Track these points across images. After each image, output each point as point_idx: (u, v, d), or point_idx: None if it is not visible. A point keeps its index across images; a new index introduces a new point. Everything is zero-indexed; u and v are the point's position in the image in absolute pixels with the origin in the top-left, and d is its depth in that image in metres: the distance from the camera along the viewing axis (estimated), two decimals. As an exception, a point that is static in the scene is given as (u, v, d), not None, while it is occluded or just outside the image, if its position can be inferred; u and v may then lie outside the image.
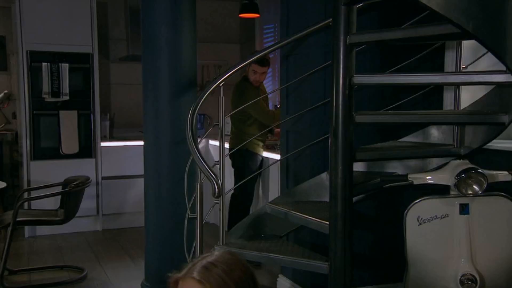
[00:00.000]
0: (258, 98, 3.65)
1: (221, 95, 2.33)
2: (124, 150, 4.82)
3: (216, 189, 1.81)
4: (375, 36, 1.89)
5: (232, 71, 2.31)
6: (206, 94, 2.25)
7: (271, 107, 5.15)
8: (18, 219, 3.18)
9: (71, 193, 3.35)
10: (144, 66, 2.77)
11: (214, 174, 1.85)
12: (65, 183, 3.54)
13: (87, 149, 4.66)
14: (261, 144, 3.88)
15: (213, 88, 2.32)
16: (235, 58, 5.57)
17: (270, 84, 5.22)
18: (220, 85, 2.33)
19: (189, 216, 2.13)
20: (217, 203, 2.24)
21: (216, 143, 3.12)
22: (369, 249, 2.82)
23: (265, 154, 3.89)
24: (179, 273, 1.05)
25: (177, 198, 2.58)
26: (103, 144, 4.76)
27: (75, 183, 3.39)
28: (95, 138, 4.69)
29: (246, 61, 2.46)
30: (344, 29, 1.85)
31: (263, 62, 3.76)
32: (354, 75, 1.92)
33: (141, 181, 4.70)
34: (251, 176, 3.40)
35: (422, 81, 1.98)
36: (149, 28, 2.70)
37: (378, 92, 2.74)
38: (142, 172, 4.63)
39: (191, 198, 2.14)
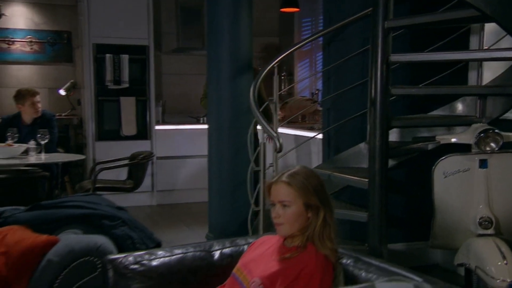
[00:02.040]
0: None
1: (275, 74, 2.79)
2: (176, 133, 5.35)
3: (278, 145, 2.26)
4: (408, 21, 2.30)
5: (286, 53, 2.76)
6: (265, 72, 2.71)
7: (307, 94, 5.59)
8: (96, 185, 3.72)
9: (139, 165, 3.88)
10: (208, 53, 3.24)
11: (276, 133, 2.30)
12: (131, 157, 4.08)
13: (143, 132, 5.21)
14: None
15: (269, 68, 2.79)
16: (274, 51, 6.00)
17: (307, 72, 5.65)
18: (275, 66, 2.80)
19: (254, 170, 2.60)
20: (271, 165, 2.71)
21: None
22: (400, 211, 3.21)
23: (304, 132, 4.26)
24: (271, 180, 1.50)
25: (237, 163, 3.05)
26: (157, 127, 5.30)
27: (141, 156, 3.92)
28: (150, 122, 5.23)
29: (297, 45, 2.89)
30: (383, 15, 2.26)
31: None
32: (391, 55, 2.34)
33: (191, 161, 5.29)
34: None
35: (450, 58, 2.37)
36: (212, 20, 3.18)
37: (410, 74, 3.13)
38: (192, 153, 5.22)
39: (254, 154, 2.61)
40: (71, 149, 5.31)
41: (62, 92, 5.45)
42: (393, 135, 2.97)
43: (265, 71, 2.72)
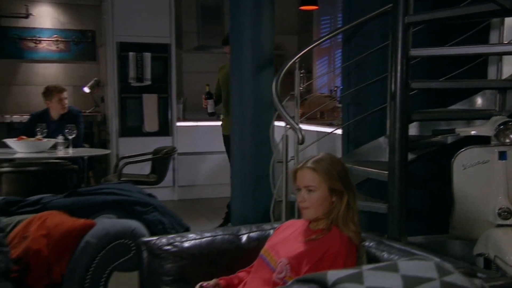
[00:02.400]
0: None
1: (297, 69, 2.87)
2: (196, 129, 5.46)
3: (300, 137, 2.34)
4: (428, 16, 2.36)
5: (308, 48, 2.84)
6: (287, 66, 2.79)
7: (326, 91, 5.65)
8: (121, 179, 3.84)
9: (162, 159, 3.99)
10: (232, 49, 3.33)
11: (298, 125, 2.38)
12: (154, 152, 4.20)
13: (165, 128, 5.34)
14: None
15: (290, 63, 2.87)
16: (293, 49, 6.08)
17: (325, 69, 5.71)
18: (297, 61, 2.88)
19: (276, 161, 2.68)
20: (292, 158, 2.79)
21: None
22: (419, 204, 3.25)
23: (324, 128, 4.32)
24: (297, 166, 1.58)
25: (259, 156, 3.14)
26: (178, 124, 5.42)
27: (164, 151, 4.04)
28: (171, 119, 5.36)
29: (319, 40, 2.96)
30: (403, 10, 2.32)
31: (224, 42, 4.00)
32: (411, 49, 2.39)
33: (211, 157, 5.40)
34: None
35: (471, 52, 2.41)
36: (235, 18, 3.27)
37: (428, 70, 3.17)
38: (212, 149, 5.32)
39: (276, 147, 2.69)
40: (95, 145, 5.47)
41: (86, 89, 5.61)
42: (413, 130, 3.01)
43: (287, 66, 2.80)
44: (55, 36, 5.66)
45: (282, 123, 3.52)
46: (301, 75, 5.38)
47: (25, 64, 5.64)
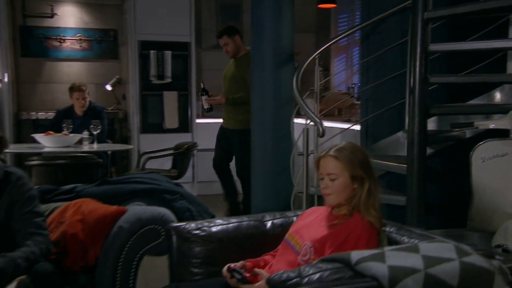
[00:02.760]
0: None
1: (316, 65, 2.94)
2: (215, 126, 5.53)
3: (321, 130, 2.41)
4: (446, 11, 2.41)
5: (328, 44, 2.90)
6: (307, 63, 2.86)
7: (343, 89, 5.70)
8: (144, 173, 3.95)
9: (184, 154, 4.10)
10: (252, 46, 3.42)
11: (318, 118, 2.46)
12: (176, 148, 4.30)
13: (185, 125, 5.45)
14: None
15: (310, 59, 2.95)
16: (310, 47, 6.14)
17: (343, 66, 5.76)
18: (316, 57, 2.95)
19: (298, 154, 2.76)
20: (312, 152, 2.86)
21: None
22: (437, 198, 3.28)
23: (343, 124, 4.38)
24: (320, 155, 1.66)
25: (279, 150, 3.22)
26: (198, 121, 5.53)
27: (185, 146, 4.14)
28: (191, 115, 5.47)
29: (339, 36, 3.03)
30: (422, 6, 2.37)
31: (218, 34, 4.11)
32: (430, 44, 2.44)
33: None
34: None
35: (490, 46, 2.45)
36: (256, 15, 3.35)
37: (446, 66, 3.20)
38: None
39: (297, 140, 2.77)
40: (117, 142, 5.59)
41: (108, 87, 5.75)
42: (431, 125, 3.05)
43: (308, 61, 2.87)
44: (78, 35, 5.82)
45: (300, 120, 3.63)
46: (320, 71, 5.48)
47: (49, 63, 5.80)
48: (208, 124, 5.56)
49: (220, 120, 5.51)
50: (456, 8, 2.35)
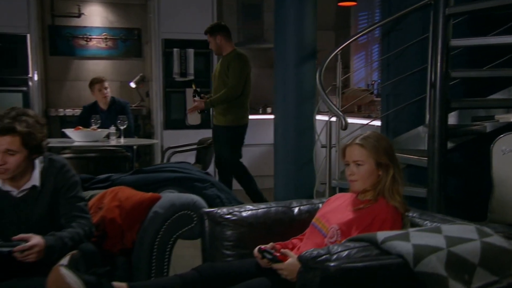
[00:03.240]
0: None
1: (339, 61, 3.03)
2: (236, 123, 5.66)
3: (344, 123, 2.50)
4: (468, 7, 2.46)
5: (349, 41, 2.98)
6: (329, 59, 2.95)
7: (363, 85, 5.75)
8: (169, 166, 4.08)
9: (207, 149, 4.21)
10: (275, 43, 3.52)
11: (341, 112, 2.54)
12: (199, 143, 4.43)
13: (206, 121, 5.56)
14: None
15: (332, 55, 3.03)
16: (330, 45, 6.19)
17: (362, 63, 5.81)
18: (338, 53, 3.03)
19: (321, 146, 2.85)
20: (334, 146, 2.95)
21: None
22: (457, 192, 3.33)
23: (363, 120, 4.43)
24: (346, 143, 1.75)
25: (301, 144, 3.31)
26: (219, 117, 5.63)
27: (209, 141, 4.25)
28: (212, 112, 5.57)
29: (361, 32, 3.11)
30: (444, 2, 2.44)
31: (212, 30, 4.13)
32: (451, 40, 2.50)
33: (251, 149, 5.58)
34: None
35: (508, 41, 2.50)
36: (279, 12, 3.45)
37: (469, 61, 3.24)
38: (252, 142, 5.49)
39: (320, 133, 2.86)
40: (141, 137, 5.75)
41: (132, 84, 5.90)
42: (452, 119, 3.10)
43: (330, 57, 2.95)
44: (104, 34, 5.99)
45: (320, 117, 3.71)
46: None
47: (76, 61, 5.99)
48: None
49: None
50: (478, 4, 2.41)
